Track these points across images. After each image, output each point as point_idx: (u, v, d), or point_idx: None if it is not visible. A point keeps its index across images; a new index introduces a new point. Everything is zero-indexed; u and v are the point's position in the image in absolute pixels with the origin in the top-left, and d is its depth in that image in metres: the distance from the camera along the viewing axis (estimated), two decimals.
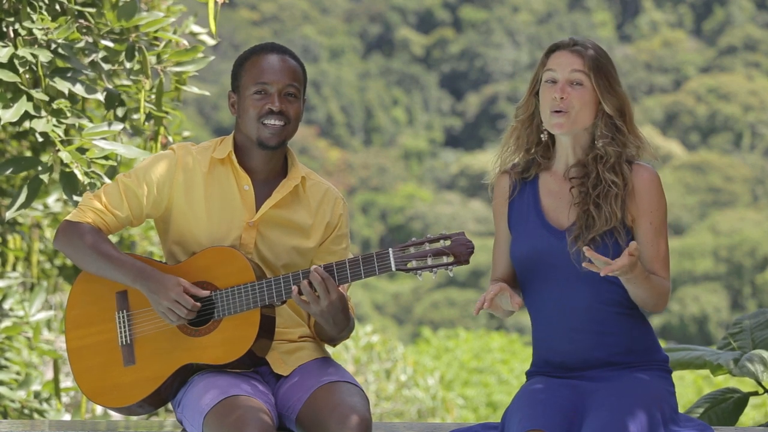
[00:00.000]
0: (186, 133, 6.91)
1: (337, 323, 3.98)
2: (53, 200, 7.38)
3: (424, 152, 61.62)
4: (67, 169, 4.83)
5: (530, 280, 3.96)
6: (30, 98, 4.88)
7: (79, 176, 4.82)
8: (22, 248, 7.80)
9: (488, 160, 4.14)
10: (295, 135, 4.18)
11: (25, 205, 4.89)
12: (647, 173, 3.93)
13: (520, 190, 4.02)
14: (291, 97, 4.11)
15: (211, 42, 6.13)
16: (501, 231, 4.06)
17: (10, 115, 4.84)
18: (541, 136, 4.01)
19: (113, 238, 7.48)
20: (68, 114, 4.96)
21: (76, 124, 4.98)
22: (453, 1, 67.50)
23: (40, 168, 4.89)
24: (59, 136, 4.86)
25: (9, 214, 4.93)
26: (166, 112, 5.40)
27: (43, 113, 4.89)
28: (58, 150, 4.84)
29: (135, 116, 5.52)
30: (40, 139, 4.89)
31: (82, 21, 5.18)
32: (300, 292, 3.93)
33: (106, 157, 4.88)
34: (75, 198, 4.83)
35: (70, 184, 4.85)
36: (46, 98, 4.90)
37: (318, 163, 54.46)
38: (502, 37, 65.49)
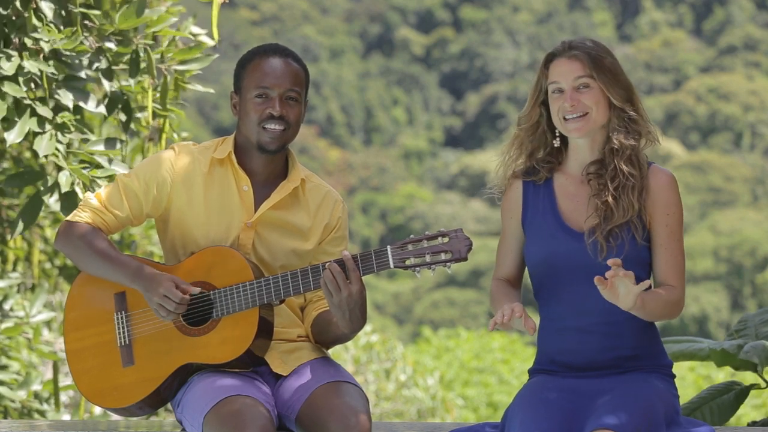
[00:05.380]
0: (185, 134, 6.91)
1: (353, 319, 3.95)
2: (54, 200, 7.37)
3: (424, 152, 61.59)
4: (68, 189, 4.85)
5: (546, 281, 3.96)
6: (34, 112, 4.89)
7: (81, 195, 4.84)
8: (22, 248, 7.81)
9: (488, 159, 4.14)
10: (296, 135, 4.18)
11: (26, 227, 4.92)
12: (665, 176, 3.95)
13: (534, 193, 4.02)
14: (292, 101, 4.11)
15: (210, 42, 6.14)
16: (510, 231, 4.05)
17: (15, 135, 4.86)
18: (554, 142, 4.01)
19: (114, 237, 7.48)
20: (72, 128, 4.97)
21: (78, 140, 5.01)
22: (453, 1, 67.46)
23: (41, 185, 4.90)
24: (61, 153, 4.88)
25: (14, 236, 4.96)
26: (169, 112, 5.41)
27: (47, 127, 4.89)
28: (60, 168, 4.86)
29: (138, 115, 5.53)
30: (42, 157, 4.90)
31: (87, 22, 5.18)
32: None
33: (109, 178, 4.90)
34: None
35: (70, 205, 4.87)
36: (51, 115, 4.91)
37: (318, 163, 54.44)
38: (502, 37, 65.44)
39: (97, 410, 7.90)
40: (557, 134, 4.01)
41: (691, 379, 24.11)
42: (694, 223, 51.68)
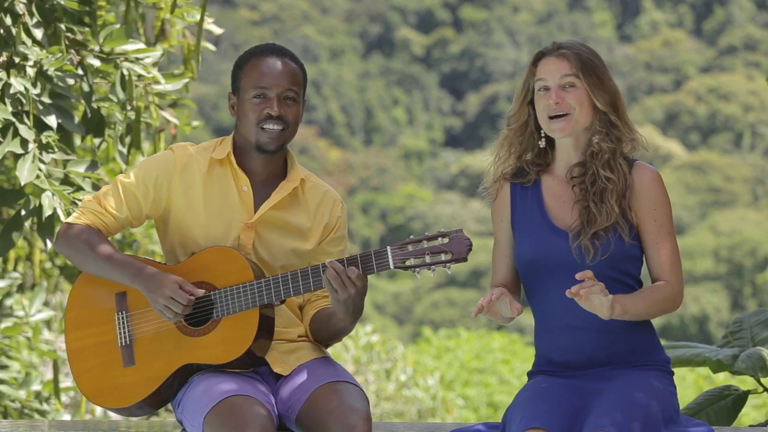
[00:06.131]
0: (195, 123, 6.91)
1: (355, 312, 3.96)
2: (30, 223, 7.36)
3: (424, 152, 61.57)
4: (50, 212, 4.86)
5: (535, 280, 3.98)
6: (16, 133, 4.89)
7: (62, 217, 4.85)
8: (23, 247, 7.81)
9: (487, 159, 4.15)
10: (295, 135, 4.18)
11: (2, 253, 4.95)
12: (649, 172, 3.97)
13: (521, 195, 4.03)
14: (290, 101, 4.11)
15: (218, 31, 6.18)
16: (502, 236, 4.07)
17: None
18: (539, 143, 4.03)
19: (116, 237, 7.48)
20: (56, 149, 4.98)
21: (60, 161, 5.02)
22: (453, 1, 67.44)
23: (22, 207, 4.91)
24: (43, 174, 4.89)
25: None
26: (183, 106, 5.45)
27: (31, 147, 4.90)
28: (43, 189, 4.88)
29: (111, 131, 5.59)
30: (23, 183, 4.92)
31: (69, 35, 5.20)
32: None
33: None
34: (48, 243, 4.89)
35: (47, 228, 4.88)
36: (33, 137, 4.91)
37: (318, 163, 54.42)
38: (502, 37, 65.43)
39: (98, 410, 7.91)
40: (543, 135, 4.03)
41: (692, 379, 24.12)
42: (694, 223, 51.67)
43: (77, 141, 5.49)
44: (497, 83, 62.93)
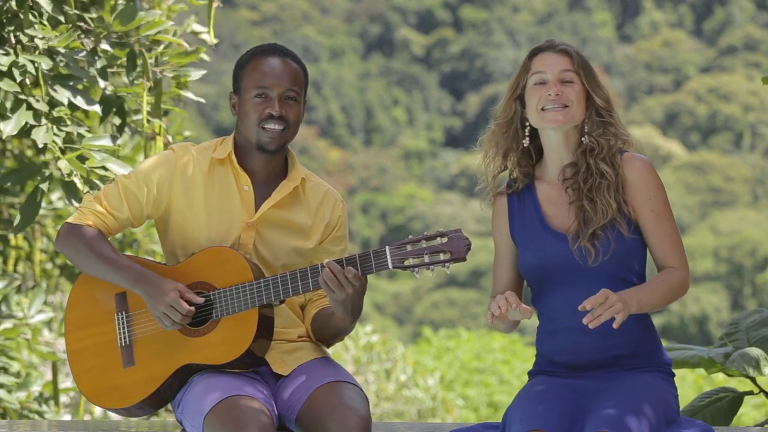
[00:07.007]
0: (187, 133, 6.92)
1: (354, 311, 3.96)
2: (56, 197, 7.36)
3: (424, 152, 61.57)
4: (67, 179, 4.86)
5: (541, 285, 3.98)
6: (30, 107, 4.90)
7: (79, 185, 4.85)
8: (23, 247, 7.80)
9: (478, 157, 4.14)
10: (296, 135, 4.18)
11: (27, 223, 4.93)
12: (638, 162, 3.97)
13: (519, 205, 4.04)
14: (291, 101, 4.11)
15: (212, 41, 6.18)
16: (502, 246, 4.08)
17: (11, 128, 4.88)
18: (523, 142, 4.03)
19: (116, 236, 7.47)
20: (68, 122, 4.98)
21: (75, 133, 5.01)
22: (453, 1, 67.44)
23: (39, 177, 4.91)
24: (58, 145, 4.89)
25: (15, 231, 4.99)
26: (166, 112, 5.43)
27: (44, 121, 4.90)
28: (58, 158, 4.87)
29: (134, 117, 5.55)
30: (40, 146, 4.92)
31: (81, 24, 5.20)
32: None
33: (104, 168, 4.91)
34: (75, 204, 4.87)
35: (71, 191, 4.88)
36: (46, 109, 4.92)
37: (318, 163, 54.41)
38: (502, 37, 65.42)
39: (98, 410, 7.90)
40: (527, 133, 4.02)
41: (692, 379, 24.11)
42: (694, 223, 51.65)
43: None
44: (497, 83, 62.88)
